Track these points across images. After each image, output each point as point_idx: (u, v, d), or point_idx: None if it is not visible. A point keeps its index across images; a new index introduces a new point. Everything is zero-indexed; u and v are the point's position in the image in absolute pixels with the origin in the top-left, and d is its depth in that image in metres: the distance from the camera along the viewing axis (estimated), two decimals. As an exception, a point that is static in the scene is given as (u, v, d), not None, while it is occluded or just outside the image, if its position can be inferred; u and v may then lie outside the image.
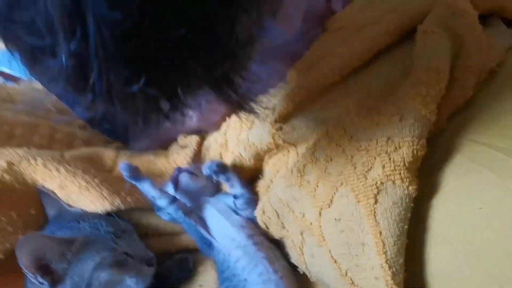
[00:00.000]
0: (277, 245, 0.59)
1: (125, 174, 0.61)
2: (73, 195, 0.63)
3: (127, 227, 0.63)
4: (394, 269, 0.41)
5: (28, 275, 0.55)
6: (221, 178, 0.62)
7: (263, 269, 0.55)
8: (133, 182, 0.62)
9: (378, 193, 0.42)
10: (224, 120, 0.67)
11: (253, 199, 0.61)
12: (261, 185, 0.62)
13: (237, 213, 0.62)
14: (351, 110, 0.49)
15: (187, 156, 0.71)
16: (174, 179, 0.63)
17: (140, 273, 0.58)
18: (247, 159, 0.61)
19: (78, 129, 0.89)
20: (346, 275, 0.46)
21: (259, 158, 0.61)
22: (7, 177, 0.61)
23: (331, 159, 0.48)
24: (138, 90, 0.25)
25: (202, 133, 0.76)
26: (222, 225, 0.60)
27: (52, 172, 0.62)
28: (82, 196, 0.62)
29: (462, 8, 0.53)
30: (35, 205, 0.64)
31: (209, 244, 0.61)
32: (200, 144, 0.73)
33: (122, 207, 0.63)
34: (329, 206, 0.47)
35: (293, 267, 0.57)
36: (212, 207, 0.62)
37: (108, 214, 0.64)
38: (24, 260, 0.53)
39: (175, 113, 0.30)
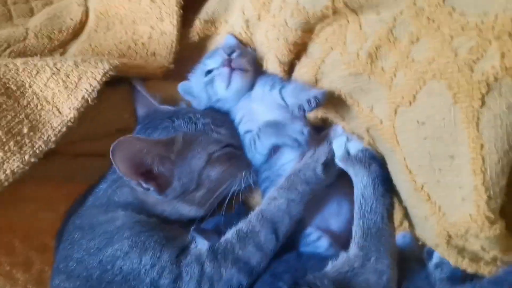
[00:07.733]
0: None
1: None
2: None
3: (225, 116, 0.54)
4: (490, 193, 0.32)
5: (132, 184, 0.48)
6: None
7: None
8: None
9: (487, 92, 0.30)
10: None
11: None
12: (306, 65, 0.49)
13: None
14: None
15: None
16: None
17: (249, 165, 0.51)
18: (293, 30, 0.48)
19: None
20: (422, 189, 0.37)
21: (308, 29, 0.48)
22: None
23: (417, 39, 0.35)
24: None
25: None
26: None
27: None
28: None
29: None
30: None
31: None
32: None
33: None
34: (410, 104, 0.36)
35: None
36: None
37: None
38: (121, 167, 0.45)
39: None
